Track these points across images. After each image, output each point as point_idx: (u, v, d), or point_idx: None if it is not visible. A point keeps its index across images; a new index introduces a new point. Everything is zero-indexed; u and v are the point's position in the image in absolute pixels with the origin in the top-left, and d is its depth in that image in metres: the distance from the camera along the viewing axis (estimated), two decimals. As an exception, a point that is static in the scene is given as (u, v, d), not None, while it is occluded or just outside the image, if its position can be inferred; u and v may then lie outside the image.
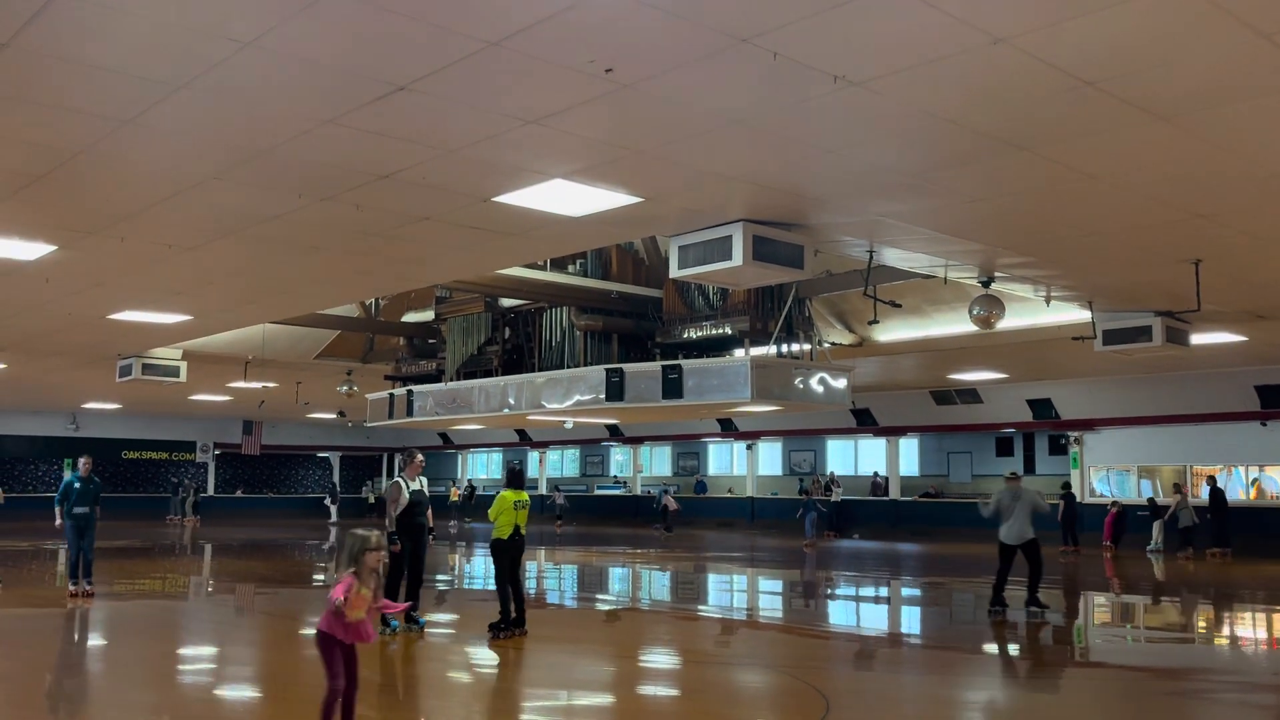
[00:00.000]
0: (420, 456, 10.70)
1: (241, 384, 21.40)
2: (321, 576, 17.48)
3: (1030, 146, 6.21)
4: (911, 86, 5.27)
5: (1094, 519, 24.49)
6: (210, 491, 39.85)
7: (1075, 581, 17.18)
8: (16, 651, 9.51)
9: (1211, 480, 21.67)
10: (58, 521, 12.70)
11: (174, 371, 17.03)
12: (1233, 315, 12.41)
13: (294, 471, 43.53)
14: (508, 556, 9.97)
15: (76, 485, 12.76)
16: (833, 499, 28.51)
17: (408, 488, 10.33)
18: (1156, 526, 22.21)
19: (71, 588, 12.63)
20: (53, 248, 9.15)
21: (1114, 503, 23.88)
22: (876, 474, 29.26)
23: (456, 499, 37.71)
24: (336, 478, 43.46)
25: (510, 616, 9.97)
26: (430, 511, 10.70)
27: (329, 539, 27.49)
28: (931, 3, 4.34)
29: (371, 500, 41.15)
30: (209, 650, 10.34)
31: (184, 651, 10.14)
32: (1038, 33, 4.64)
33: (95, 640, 10.84)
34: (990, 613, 11.73)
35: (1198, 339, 12.50)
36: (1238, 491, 23.79)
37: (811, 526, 25.32)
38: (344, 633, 5.31)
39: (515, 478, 10.38)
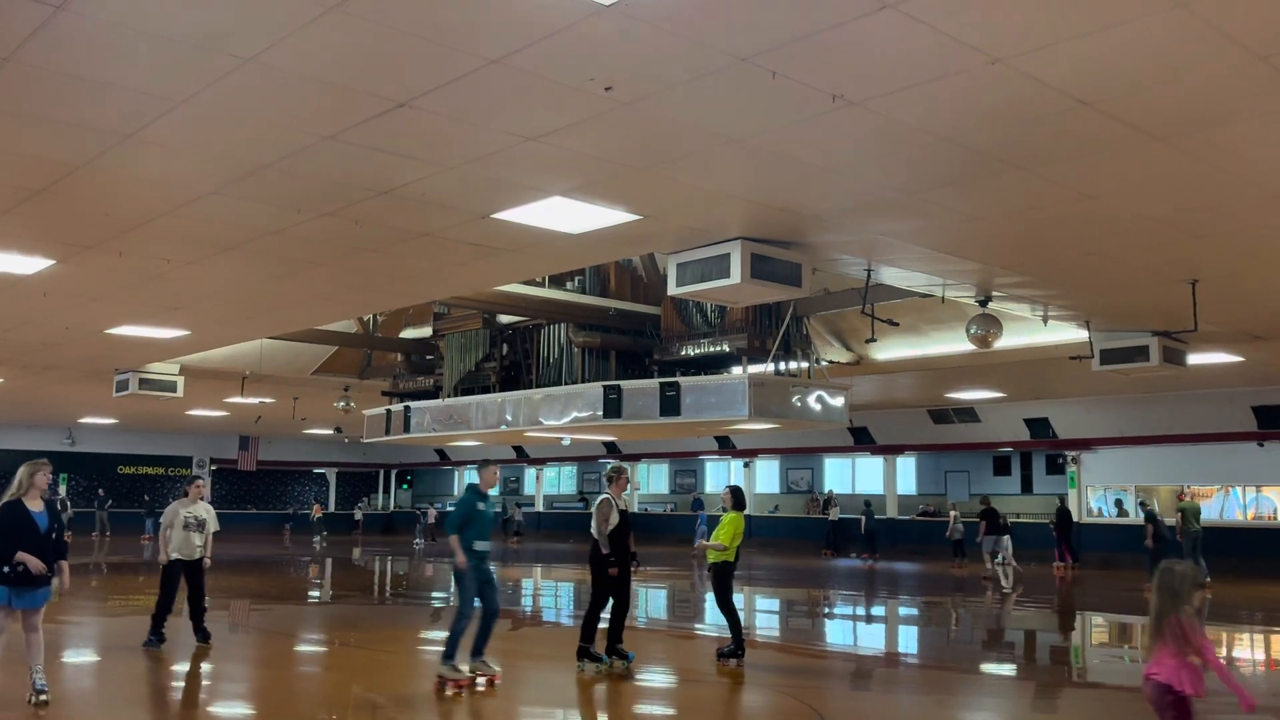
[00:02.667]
0: (627, 472, 9.87)
1: (238, 399, 21.38)
2: (316, 594, 17.39)
3: (1027, 166, 6.24)
4: (909, 106, 5.29)
5: (1091, 538, 24.49)
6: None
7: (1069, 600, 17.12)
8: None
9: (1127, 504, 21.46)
10: None
11: (171, 386, 17.01)
12: (1229, 336, 12.43)
13: (290, 488, 43.43)
14: (732, 580, 9.92)
15: None
16: (830, 518, 28.47)
17: (616, 505, 9.55)
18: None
19: None
20: (51, 262, 9.16)
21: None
22: (867, 504, 28.49)
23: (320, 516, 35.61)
24: (332, 494, 43.34)
25: (742, 642, 9.77)
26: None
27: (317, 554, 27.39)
28: (929, 23, 4.37)
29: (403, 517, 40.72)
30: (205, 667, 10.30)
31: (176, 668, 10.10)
32: (1035, 53, 4.66)
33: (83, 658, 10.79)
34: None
35: (1195, 359, 12.51)
36: (1235, 512, 23.79)
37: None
38: (1192, 684, 4.60)
39: (740, 499, 10.13)
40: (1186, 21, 4.34)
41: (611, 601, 9.41)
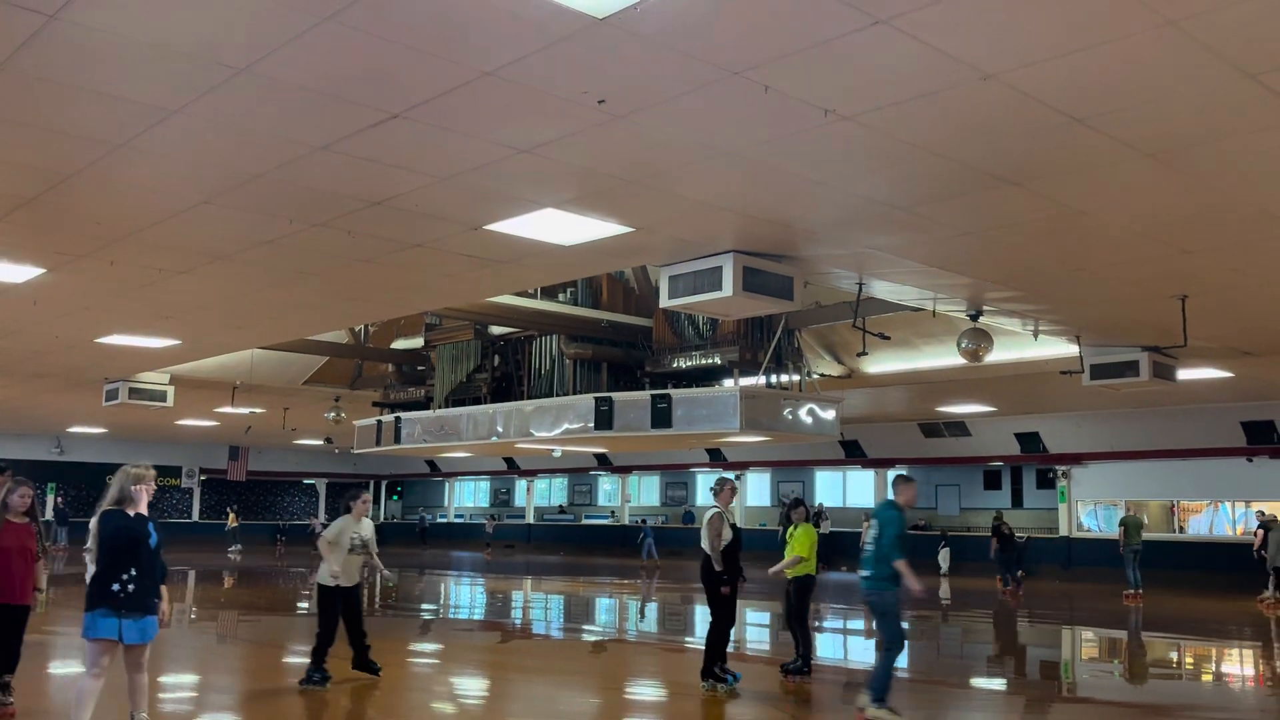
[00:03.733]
0: (733, 482, 9.34)
1: (229, 409, 21.31)
2: (305, 604, 17.30)
3: (1019, 181, 6.26)
4: (902, 121, 5.31)
5: (1081, 553, 24.50)
6: (195, 517, 39.56)
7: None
8: None
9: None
10: None
11: (161, 396, 16.95)
12: (1219, 351, 12.47)
13: (280, 498, 43.26)
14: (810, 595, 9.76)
15: None
16: (821, 530, 28.44)
17: (727, 519, 8.95)
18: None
19: None
20: (41, 270, 9.13)
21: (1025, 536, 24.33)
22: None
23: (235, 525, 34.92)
24: (322, 505, 43.16)
25: (810, 657, 9.60)
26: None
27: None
28: (922, 38, 4.39)
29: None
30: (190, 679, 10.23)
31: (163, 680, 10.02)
32: (1026, 69, 4.69)
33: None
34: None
35: (1184, 374, 12.55)
36: (1224, 527, 23.83)
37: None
38: None
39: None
40: (1176, 39, 4.37)
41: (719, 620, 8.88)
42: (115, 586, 5.87)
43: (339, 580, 8.77)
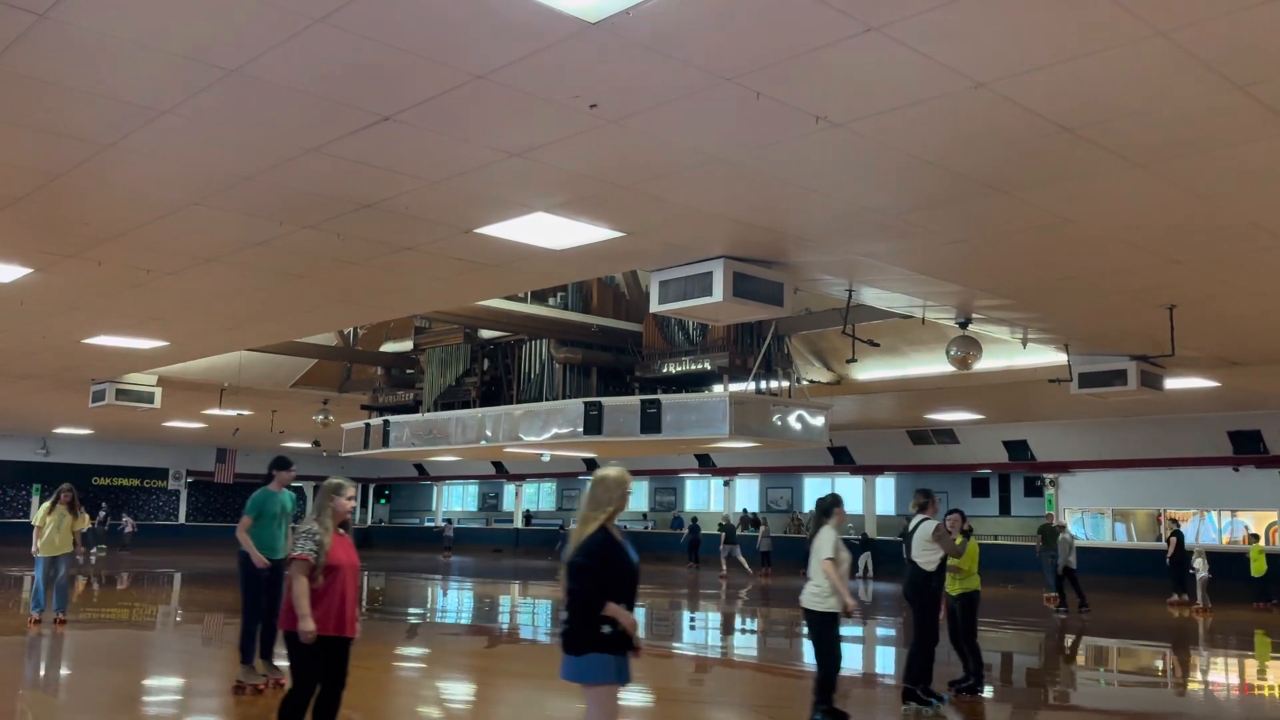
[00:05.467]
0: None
1: (216, 411, 21.23)
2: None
3: (1008, 190, 6.28)
4: (892, 128, 5.32)
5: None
6: (181, 519, 39.39)
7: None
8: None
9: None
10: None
11: (148, 398, 16.87)
12: (1206, 361, 12.53)
13: (267, 501, 43.04)
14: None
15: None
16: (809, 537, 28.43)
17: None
18: None
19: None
20: (28, 270, 9.08)
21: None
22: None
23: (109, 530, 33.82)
24: (309, 508, 42.97)
25: (982, 675, 9.18)
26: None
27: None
28: (913, 46, 4.40)
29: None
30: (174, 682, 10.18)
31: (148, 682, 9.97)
32: (1016, 78, 4.71)
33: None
34: None
35: (1172, 384, 12.61)
36: (1210, 535, 23.94)
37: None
38: None
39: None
40: (1167, 50, 4.39)
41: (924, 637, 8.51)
42: (608, 628, 4.94)
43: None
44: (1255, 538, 20.38)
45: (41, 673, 10.19)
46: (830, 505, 7.70)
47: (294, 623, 5.60)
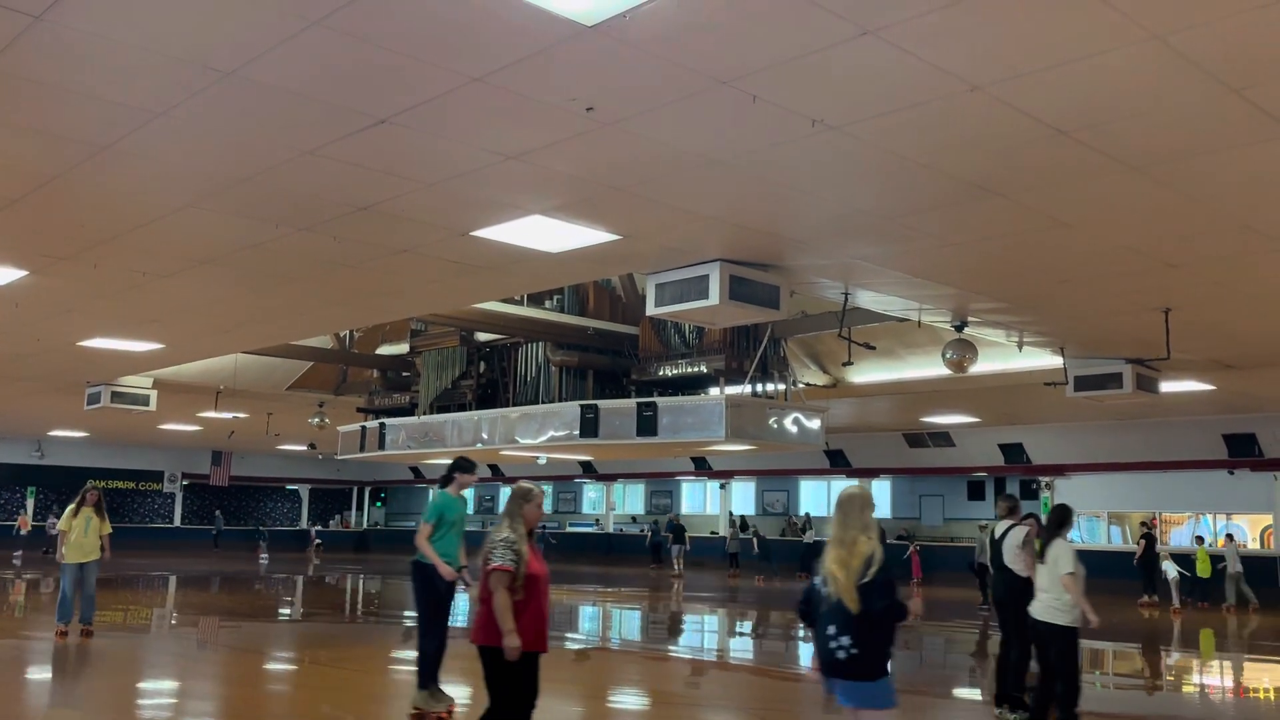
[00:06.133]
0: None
1: (212, 414, 21.19)
2: (288, 611, 17.20)
3: (1004, 193, 6.29)
4: (888, 131, 5.33)
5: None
6: (176, 522, 39.31)
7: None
8: None
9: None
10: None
11: (144, 400, 16.83)
12: (1202, 364, 12.55)
13: (262, 503, 43.03)
14: None
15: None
16: (806, 540, 28.48)
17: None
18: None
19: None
20: (24, 273, 9.06)
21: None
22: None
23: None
24: (305, 511, 42.95)
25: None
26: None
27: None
28: (910, 49, 4.41)
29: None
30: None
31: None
32: (1013, 81, 4.71)
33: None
34: None
35: (1167, 387, 12.62)
36: (1184, 539, 23.97)
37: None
38: None
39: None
40: (1162, 54, 4.40)
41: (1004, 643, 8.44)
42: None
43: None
44: (1230, 538, 20.69)
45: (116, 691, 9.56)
46: (1066, 516, 7.52)
47: (491, 637, 5.29)
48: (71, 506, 11.80)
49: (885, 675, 4.51)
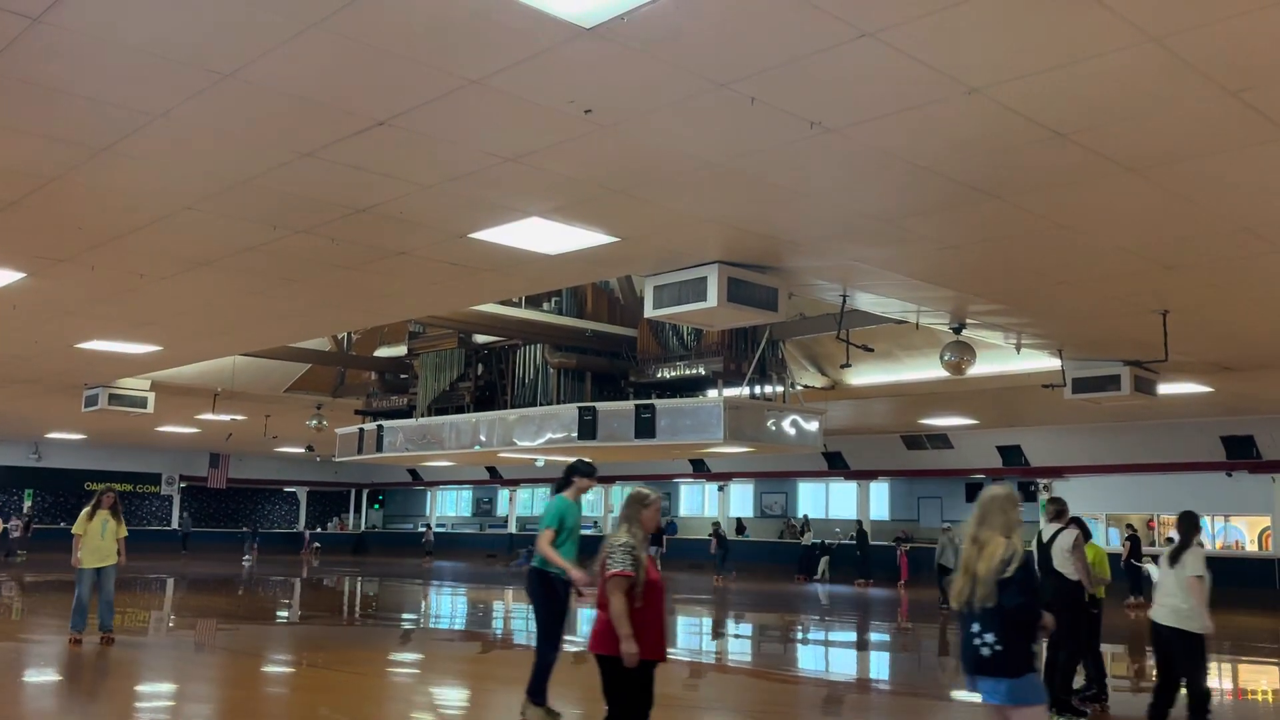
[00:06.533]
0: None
1: (210, 416, 21.17)
2: (286, 614, 17.17)
3: (1002, 195, 6.29)
4: (886, 133, 5.33)
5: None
6: (174, 525, 39.27)
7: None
8: None
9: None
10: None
11: (141, 402, 16.81)
12: (1199, 366, 12.56)
13: (260, 506, 43.00)
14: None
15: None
16: (804, 542, 28.50)
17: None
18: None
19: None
20: (21, 275, 9.06)
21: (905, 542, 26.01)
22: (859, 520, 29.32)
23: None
24: (303, 513, 42.90)
25: (1104, 683, 8.90)
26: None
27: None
28: (908, 52, 4.41)
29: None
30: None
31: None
32: (1010, 83, 4.72)
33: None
34: None
35: (1165, 389, 12.63)
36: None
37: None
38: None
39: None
40: (1160, 56, 4.41)
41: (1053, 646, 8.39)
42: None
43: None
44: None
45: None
46: (1195, 522, 7.46)
47: (610, 645, 5.13)
48: (87, 509, 11.40)
49: (1031, 671, 4.50)
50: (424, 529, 39.50)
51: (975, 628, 4.53)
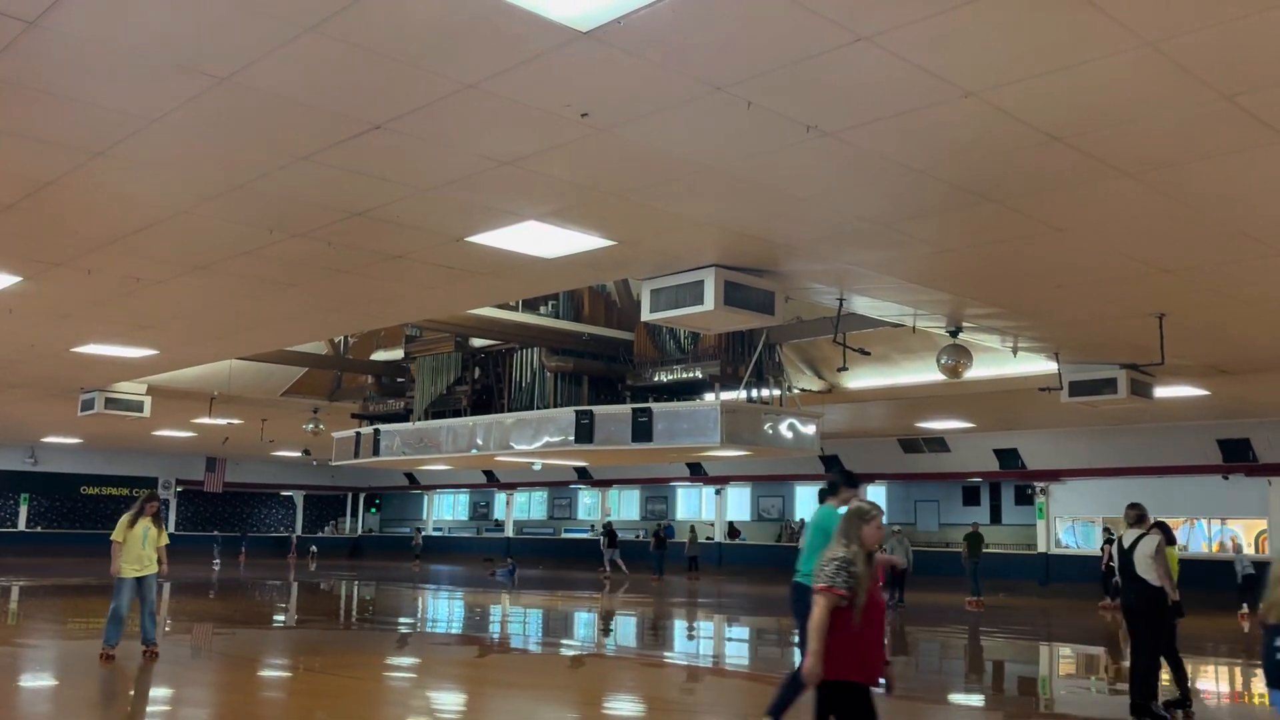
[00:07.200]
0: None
1: (206, 420, 21.15)
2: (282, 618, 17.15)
3: (998, 198, 6.30)
4: (883, 137, 5.34)
5: (1058, 569, 24.59)
6: (171, 529, 39.22)
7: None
8: None
9: None
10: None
11: (138, 406, 16.78)
12: (1196, 369, 12.57)
13: (257, 510, 42.95)
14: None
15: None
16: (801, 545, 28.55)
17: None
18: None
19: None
20: (17, 279, 9.04)
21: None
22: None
23: None
24: (299, 517, 42.85)
25: (1186, 689, 8.86)
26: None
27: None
28: (903, 55, 4.42)
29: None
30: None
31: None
32: (1006, 87, 4.72)
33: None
34: None
35: (1161, 392, 12.64)
36: (1200, 544, 24.00)
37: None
38: None
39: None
40: (1155, 61, 4.41)
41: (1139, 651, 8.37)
42: None
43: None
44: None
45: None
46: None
47: (846, 670, 4.82)
48: (128, 515, 10.74)
49: None
50: (413, 532, 39.59)
51: (1278, 641, 4.57)
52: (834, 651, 4.78)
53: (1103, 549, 21.05)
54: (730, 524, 32.57)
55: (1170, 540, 8.67)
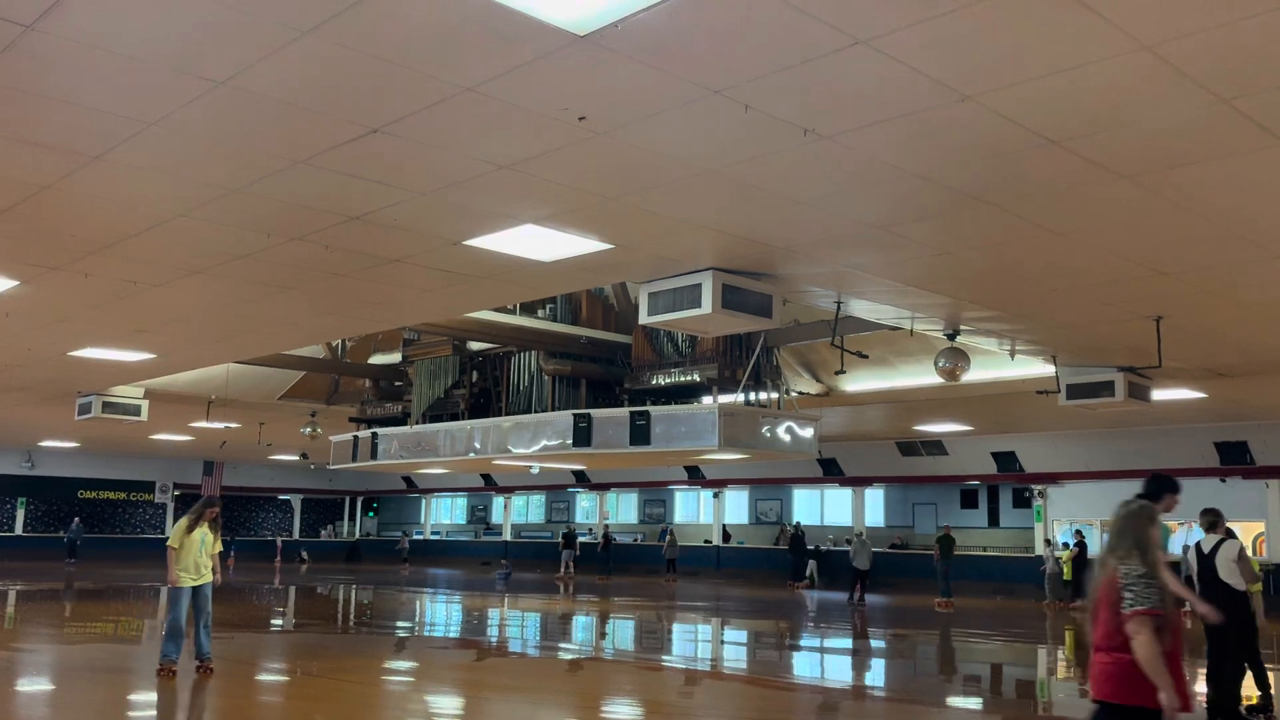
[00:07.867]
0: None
1: (204, 424, 21.13)
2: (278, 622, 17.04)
3: (996, 202, 6.31)
4: (880, 141, 5.34)
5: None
6: (168, 532, 39.16)
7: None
8: None
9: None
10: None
11: (135, 410, 16.77)
12: (1193, 372, 12.58)
13: (254, 514, 42.90)
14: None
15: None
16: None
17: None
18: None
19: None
20: (14, 283, 9.04)
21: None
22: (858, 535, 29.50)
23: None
24: (296, 521, 42.80)
25: (1269, 695, 8.68)
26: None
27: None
28: (901, 59, 4.42)
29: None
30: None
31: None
32: (1003, 91, 4.73)
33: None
34: None
35: (1159, 395, 12.65)
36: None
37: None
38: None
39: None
40: (1152, 64, 4.42)
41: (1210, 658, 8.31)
42: None
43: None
44: (1081, 546, 22.43)
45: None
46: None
47: (1123, 693, 4.20)
48: (185, 521, 10.14)
49: None
50: (399, 535, 39.68)
51: None
52: (1137, 674, 4.15)
53: (1073, 550, 22.11)
54: (724, 528, 32.57)
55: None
